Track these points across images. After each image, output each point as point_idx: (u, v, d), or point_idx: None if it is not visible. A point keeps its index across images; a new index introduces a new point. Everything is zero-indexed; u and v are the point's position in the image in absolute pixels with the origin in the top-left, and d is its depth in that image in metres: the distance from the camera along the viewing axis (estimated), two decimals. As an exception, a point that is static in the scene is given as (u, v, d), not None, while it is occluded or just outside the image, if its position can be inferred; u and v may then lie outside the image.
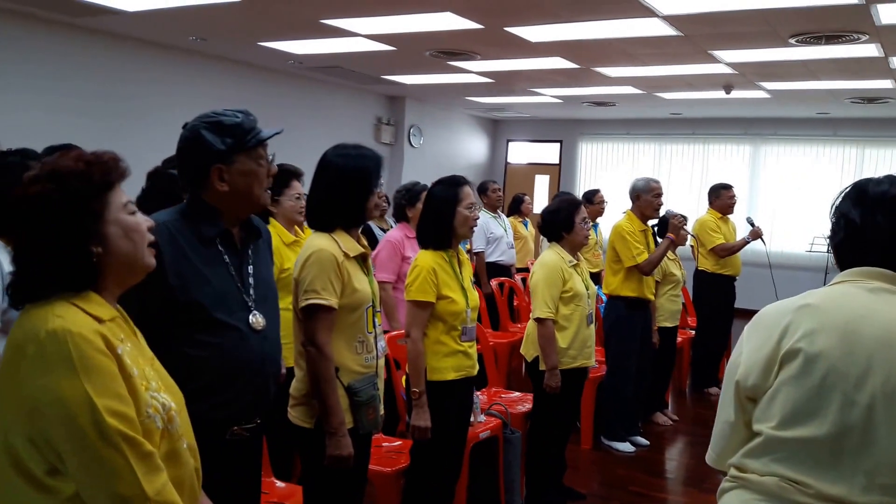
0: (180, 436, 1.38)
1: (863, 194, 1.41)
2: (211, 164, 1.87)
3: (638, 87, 8.30)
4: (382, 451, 3.15)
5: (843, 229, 1.41)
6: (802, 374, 1.31)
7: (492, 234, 6.36)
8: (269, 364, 1.96)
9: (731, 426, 1.41)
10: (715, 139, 10.72)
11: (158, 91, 6.90)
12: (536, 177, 11.92)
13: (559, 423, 3.73)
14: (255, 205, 1.96)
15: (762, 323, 1.41)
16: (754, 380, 1.37)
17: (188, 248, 1.85)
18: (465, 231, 2.89)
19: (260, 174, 1.93)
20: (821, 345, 1.31)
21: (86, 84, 6.35)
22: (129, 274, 1.42)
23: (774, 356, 1.35)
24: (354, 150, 2.33)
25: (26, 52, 5.91)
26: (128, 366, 1.30)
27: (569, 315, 3.64)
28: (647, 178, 4.86)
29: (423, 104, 10.43)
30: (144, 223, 1.43)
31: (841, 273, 1.42)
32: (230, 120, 1.90)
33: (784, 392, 1.33)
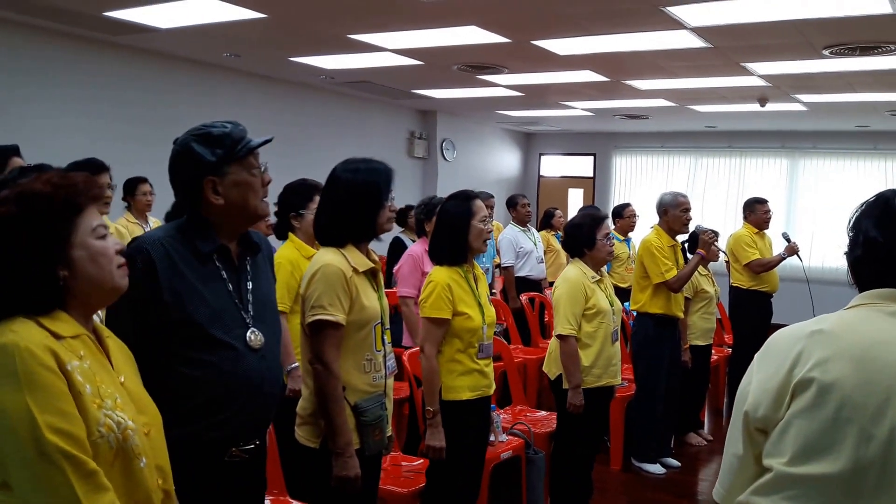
0: (137, 455, 1.34)
1: (886, 208, 1.30)
2: (203, 176, 1.82)
3: (670, 100, 8.16)
4: (401, 472, 3.08)
5: (862, 245, 1.30)
6: (815, 405, 1.20)
7: (521, 249, 6.27)
8: (267, 384, 1.90)
9: (740, 460, 1.31)
10: (751, 152, 10.48)
11: (194, 106, 6.99)
12: (570, 190, 11.79)
13: (584, 443, 3.63)
14: (252, 216, 1.91)
15: (773, 350, 1.31)
16: (764, 411, 1.27)
17: (183, 265, 1.80)
18: (479, 245, 2.83)
19: (254, 184, 1.88)
20: (835, 374, 1.20)
21: (122, 99, 6.46)
22: (98, 296, 1.42)
23: (786, 386, 1.24)
24: (364, 164, 2.28)
25: (63, 68, 6.03)
26: (78, 383, 1.28)
27: (592, 332, 3.54)
28: (675, 193, 4.74)
29: (455, 118, 10.41)
30: (113, 247, 1.42)
31: (859, 295, 1.31)
32: (219, 131, 1.86)
33: (796, 425, 1.22)
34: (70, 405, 1.25)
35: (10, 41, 5.63)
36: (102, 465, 1.28)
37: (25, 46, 5.73)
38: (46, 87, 5.89)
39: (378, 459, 2.38)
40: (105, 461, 1.29)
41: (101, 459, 1.28)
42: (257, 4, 4.95)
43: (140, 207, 5.01)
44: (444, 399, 2.75)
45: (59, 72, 5.99)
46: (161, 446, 1.47)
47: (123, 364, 1.49)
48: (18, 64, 5.69)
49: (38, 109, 5.79)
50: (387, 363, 2.31)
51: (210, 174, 1.83)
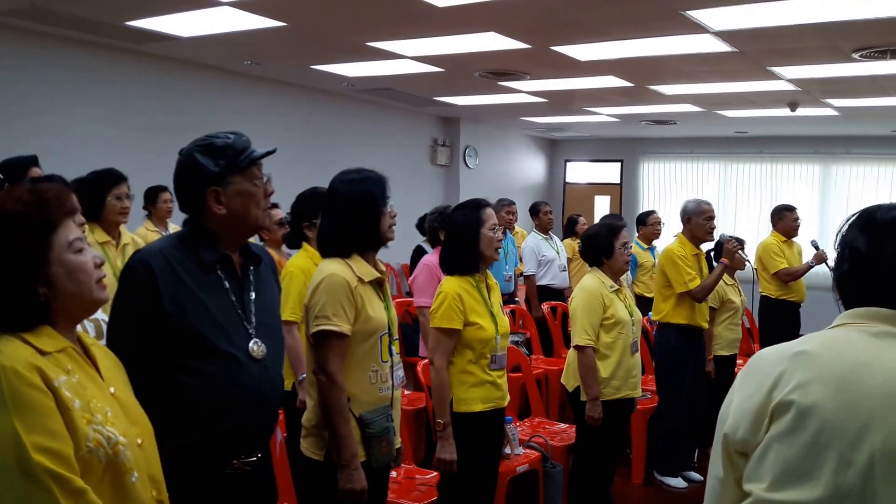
0: (128, 470, 1.35)
1: (870, 222, 1.26)
2: (206, 186, 1.85)
3: (697, 105, 8.08)
4: (414, 485, 3.07)
5: (848, 261, 1.26)
6: (794, 429, 1.17)
7: (543, 257, 6.24)
8: (269, 394, 1.90)
9: (721, 483, 1.27)
10: (783, 158, 10.32)
11: (217, 114, 7.08)
12: (596, 197, 11.71)
13: (603, 456, 3.58)
14: (254, 226, 1.93)
15: (755, 370, 1.27)
16: (743, 433, 1.23)
17: (186, 275, 1.82)
18: (491, 253, 2.82)
19: (256, 194, 1.90)
20: (815, 397, 1.16)
21: (145, 108, 6.57)
22: (79, 310, 1.43)
23: (765, 408, 1.20)
24: (357, 175, 2.30)
25: (86, 77, 6.15)
26: (66, 399, 1.29)
27: (611, 343, 3.50)
28: (699, 200, 4.68)
29: (479, 125, 10.41)
30: (91, 260, 1.42)
31: (843, 313, 1.27)
32: (222, 141, 1.88)
33: (775, 449, 1.18)
34: (57, 423, 1.26)
35: (33, 51, 5.76)
36: (92, 481, 1.29)
37: (49, 56, 5.86)
38: (69, 96, 6.01)
39: (386, 472, 2.37)
40: (95, 476, 1.30)
41: (90, 475, 1.29)
42: (276, 13, 5.01)
43: (161, 215, 5.08)
44: (456, 411, 2.73)
45: (82, 81, 6.11)
46: (154, 456, 1.48)
47: (113, 374, 1.50)
48: (42, 73, 5.82)
49: (62, 118, 5.92)
50: (394, 374, 2.31)
51: (213, 184, 1.86)
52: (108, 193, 3.51)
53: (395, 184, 8.66)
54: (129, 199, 3.59)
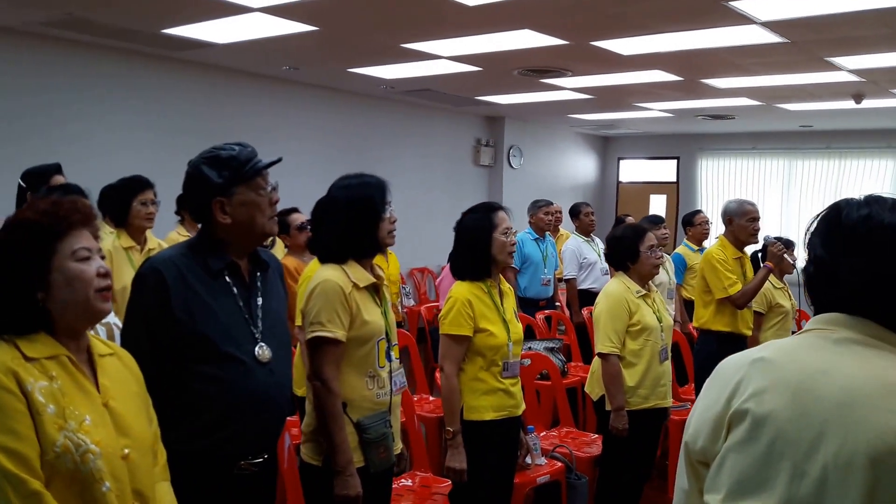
0: (98, 479, 1.41)
1: (835, 225, 1.22)
2: (211, 197, 1.96)
3: (755, 99, 7.88)
4: (428, 493, 3.12)
5: (813, 264, 1.24)
6: (749, 439, 1.16)
7: (585, 260, 6.20)
8: (275, 398, 2.00)
9: (686, 494, 1.27)
10: (853, 153, 9.97)
11: (255, 120, 7.29)
12: (652, 196, 11.53)
13: (631, 468, 3.55)
14: (260, 234, 2.03)
15: (717, 377, 1.27)
16: (703, 443, 1.23)
17: (195, 281, 1.93)
18: (504, 258, 2.84)
19: (261, 203, 2.00)
20: (770, 405, 1.15)
21: (182, 114, 6.81)
22: (77, 318, 1.51)
23: (723, 417, 1.20)
24: (356, 179, 2.36)
25: (123, 85, 6.42)
26: (38, 403, 1.37)
27: (637, 350, 3.47)
28: (741, 200, 4.59)
29: (525, 123, 10.39)
30: (94, 270, 1.51)
31: (812, 319, 1.25)
32: (227, 153, 1.99)
33: (731, 459, 1.18)
34: (23, 425, 1.35)
35: (70, 60, 6.04)
36: (58, 486, 1.37)
37: (85, 65, 6.13)
38: (106, 104, 6.28)
39: (388, 477, 2.43)
40: (61, 482, 1.38)
41: (57, 480, 1.37)
42: (308, 17, 5.13)
43: (193, 222, 5.26)
44: (467, 419, 2.77)
45: (116, 88, 6.37)
46: (143, 469, 1.53)
47: (119, 385, 1.57)
48: (79, 81, 6.10)
49: (97, 125, 6.19)
50: (393, 379, 2.37)
51: (218, 195, 1.97)
52: (134, 199, 3.70)
53: (436, 185, 8.86)
54: (154, 204, 3.76)
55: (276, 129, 7.48)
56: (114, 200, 3.73)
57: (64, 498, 1.37)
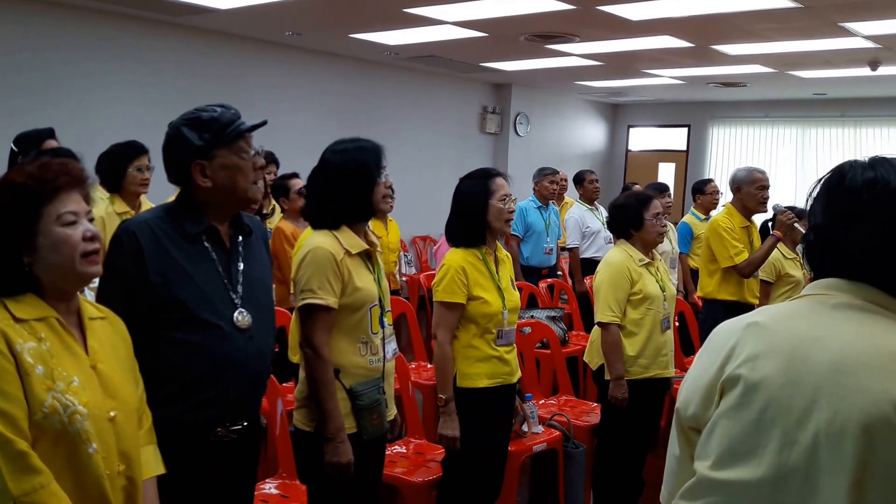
0: (85, 440, 1.42)
1: (837, 189, 1.17)
2: (191, 160, 1.93)
3: (768, 66, 7.77)
4: (422, 460, 3.14)
5: (813, 231, 1.20)
6: (741, 405, 1.14)
7: (588, 229, 6.15)
8: (253, 364, 1.98)
9: (677, 461, 1.26)
10: (868, 122, 9.83)
11: (258, 87, 7.25)
12: (661, 165, 11.44)
13: (629, 438, 3.55)
14: (242, 199, 1.99)
15: (711, 343, 1.24)
16: (694, 409, 1.21)
17: (171, 246, 1.91)
18: (500, 225, 2.81)
19: (243, 167, 1.96)
20: (763, 371, 1.13)
21: (183, 80, 6.77)
22: (64, 281, 1.51)
23: (715, 383, 1.18)
24: (351, 144, 2.33)
25: (123, 51, 6.39)
26: (27, 364, 1.38)
27: (638, 319, 3.44)
28: (751, 168, 4.53)
29: (532, 91, 10.29)
30: (80, 234, 1.50)
31: (809, 285, 1.22)
32: (208, 115, 1.95)
33: (722, 425, 1.16)
34: (11, 385, 1.36)
35: (72, 25, 6.00)
36: (45, 447, 1.38)
37: (85, 30, 6.10)
38: (105, 70, 6.26)
39: (381, 444, 2.43)
40: (48, 442, 1.39)
41: (44, 441, 1.38)
42: (307, -21, 5.07)
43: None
44: (460, 386, 2.77)
45: (118, 53, 6.34)
46: (129, 432, 1.55)
47: (107, 349, 1.58)
48: (78, 47, 6.07)
49: (96, 91, 6.17)
50: (386, 346, 2.36)
51: (198, 157, 1.93)
52: (129, 165, 3.69)
53: (441, 153, 8.84)
54: (149, 170, 3.75)
55: (279, 96, 7.43)
56: (108, 166, 3.71)
57: (50, 458, 1.38)
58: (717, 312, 4.37)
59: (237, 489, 2.06)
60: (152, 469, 1.65)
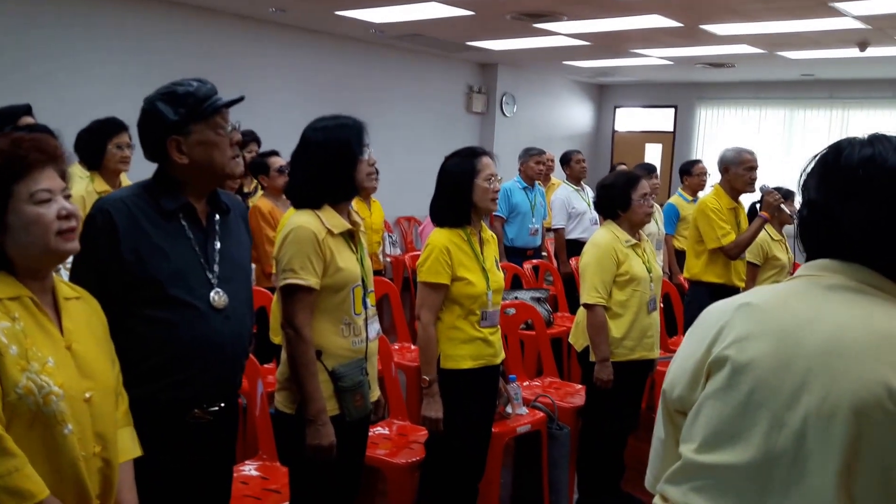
0: (60, 422, 1.40)
1: (833, 166, 1.14)
2: (166, 136, 1.90)
3: (756, 46, 7.75)
4: (405, 441, 3.13)
5: (807, 208, 1.17)
6: (728, 386, 1.12)
7: (573, 210, 6.13)
8: (230, 344, 1.96)
9: (662, 444, 1.25)
10: (856, 103, 9.86)
11: (241, 64, 7.14)
12: (647, 146, 11.44)
13: (614, 420, 3.57)
14: (219, 175, 1.96)
15: (700, 324, 1.23)
16: (680, 391, 1.20)
17: (147, 223, 1.88)
18: (486, 205, 2.79)
19: (220, 143, 1.93)
20: (752, 353, 1.11)
21: (164, 58, 6.65)
22: (38, 262, 1.48)
23: (702, 364, 1.17)
24: (332, 121, 2.29)
25: (103, 27, 6.27)
26: (1, 344, 1.35)
27: (624, 301, 3.44)
28: (739, 149, 4.51)
29: (518, 70, 10.23)
30: (54, 212, 1.46)
31: (803, 266, 1.20)
32: (184, 89, 1.92)
33: (708, 408, 1.15)
34: None
35: (50, 2, 5.87)
36: (19, 428, 1.36)
37: (66, 6, 5.97)
38: (84, 46, 6.14)
39: (364, 425, 2.42)
40: (23, 424, 1.36)
41: (18, 422, 1.36)
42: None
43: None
44: (444, 368, 2.75)
45: (98, 29, 6.23)
46: (106, 413, 1.53)
47: (83, 329, 1.55)
48: (57, 23, 5.94)
49: (76, 68, 6.06)
50: (369, 327, 2.34)
51: (173, 133, 1.90)
52: (108, 142, 3.64)
53: (427, 133, 8.78)
54: (129, 148, 3.69)
55: (261, 74, 7.34)
56: (88, 144, 3.66)
57: (25, 441, 1.36)
58: (703, 294, 4.38)
59: (215, 471, 2.05)
60: (129, 451, 1.63)
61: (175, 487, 1.92)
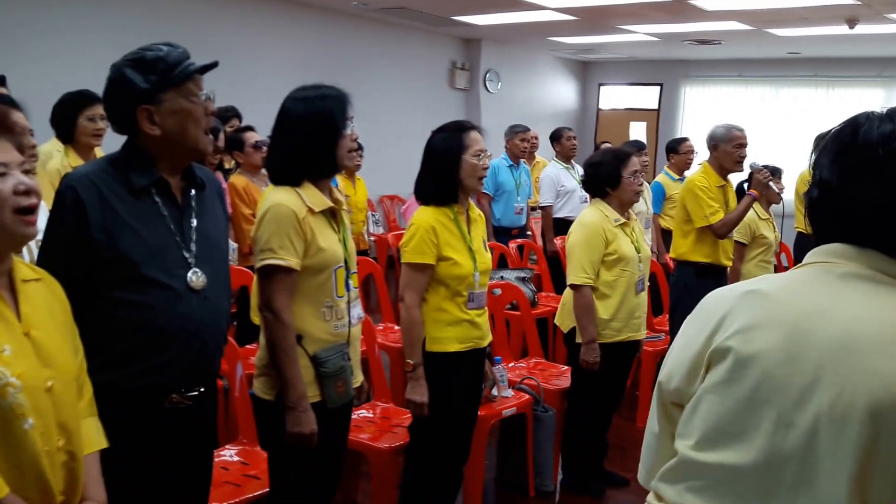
0: (19, 415, 1.31)
1: (850, 142, 1.06)
2: (136, 105, 1.79)
3: (745, 23, 7.68)
4: (388, 425, 3.07)
5: (819, 188, 1.09)
6: (730, 380, 1.05)
7: (562, 188, 6.05)
8: (209, 327, 1.88)
9: (656, 438, 1.18)
10: (841, 82, 9.85)
11: (219, 37, 6.95)
12: (631, 124, 11.38)
13: (599, 401, 3.53)
14: (193, 148, 1.86)
15: (701, 311, 1.15)
16: (677, 383, 1.12)
17: (116, 201, 1.78)
18: (473, 182, 2.69)
19: (194, 112, 1.82)
20: (759, 345, 1.03)
21: (143, 30, 6.40)
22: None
23: (702, 355, 1.09)
24: (314, 91, 2.18)
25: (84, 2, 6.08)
26: None
27: (612, 281, 3.39)
28: (729, 125, 4.44)
29: (503, 46, 10.10)
30: (10, 187, 1.36)
31: (813, 251, 1.12)
32: (153, 54, 1.80)
33: (707, 402, 1.07)
34: None
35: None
36: None
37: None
38: (63, 17, 5.95)
39: (347, 412, 2.34)
40: None
41: None
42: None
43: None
44: (430, 350, 2.67)
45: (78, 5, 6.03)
46: (69, 403, 1.44)
47: (43, 314, 1.45)
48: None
49: (53, 39, 5.87)
50: (352, 310, 2.25)
51: (144, 102, 1.80)
52: (80, 115, 3.51)
53: (409, 109, 8.64)
54: (103, 120, 3.55)
55: (240, 47, 7.17)
56: (59, 116, 3.52)
57: None
58: (690, 274, 4.35)
59: (195, 457, 1.98)
60: (94, 443, 1.54)
61: (153, 476, 1.85)
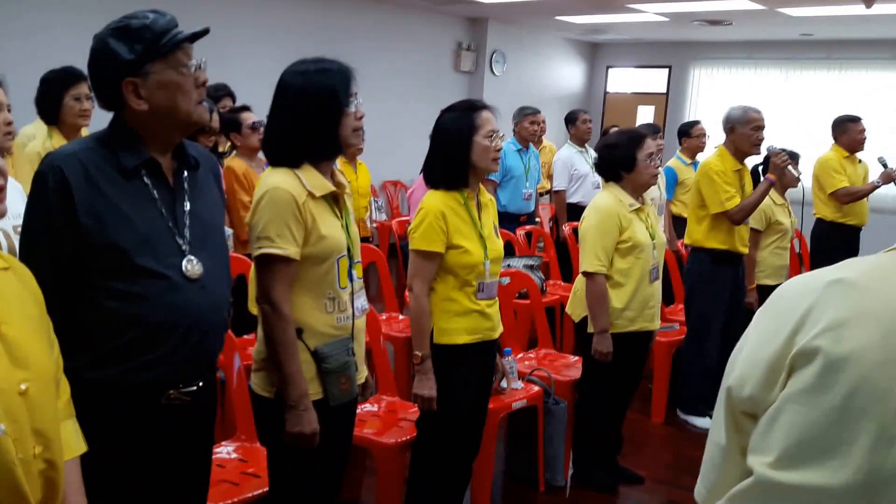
0: None
1: None
2: (121, 77, 1.66)
3: (757, 2, 7.49)
4: (395, 419, 2.95)
5: None
6: (819, 386, 0.89)
7: (576, 171, 5.92)
8: (208, 317, 1.76)
9: (723, 452, 1.01)
10: (855, 64, 9.64)
11: (213, 19, 6.73)
12: (639, 108, 11.19)
13: (612, 393, 3.41)
14: (185, 123, 1.72)
15: (776, 305, 0.99)
16: (752, 389, 0.96)
17: (105, 183, 1.65)
18: (486, 164, 2.55)
19: (184, 84, 1.69)
20: (852, 344, 0.88)
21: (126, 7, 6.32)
22: None
23: (783, 357, 0.93)
24: (314, 65, 2.03)
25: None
26: None
27: (626, 269, 3.26)
28: (746, 107, 4.30)
29: (509, 26, 9.91)
30: None
31: None
32: (139, 22, 1.67)
33: (790, 412, 0.91)
34: None
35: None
36: None
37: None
38: None
39: (351, 409, 2.22)
40: None
41: None
42: None
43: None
44: (438, 343, 2.55)
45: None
46: (45, 406, 1.29)
47: (15, 307, 1.31)
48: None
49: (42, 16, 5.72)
50: (356, 302, 2.12)
51: (129, 75, 1.66)
52: (65, 94, 3.38)
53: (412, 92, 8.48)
54: (89, 100, 3.42)
55: (236, 28, 7.01)
56: (43, 96, 3.39)
57: None
58: (705, 261, 4.24)
59: (192, 456, 1.86)
60: (73, 448, 1.41)
61: (149, 476, 1.75)
